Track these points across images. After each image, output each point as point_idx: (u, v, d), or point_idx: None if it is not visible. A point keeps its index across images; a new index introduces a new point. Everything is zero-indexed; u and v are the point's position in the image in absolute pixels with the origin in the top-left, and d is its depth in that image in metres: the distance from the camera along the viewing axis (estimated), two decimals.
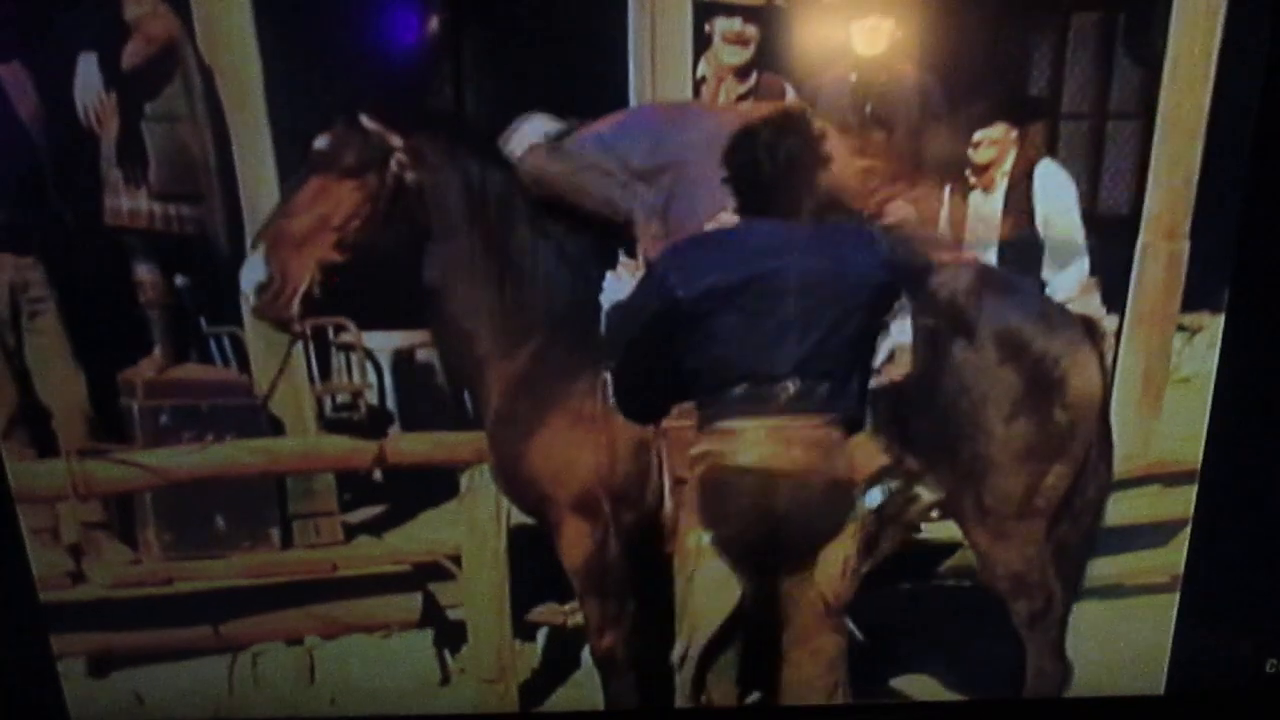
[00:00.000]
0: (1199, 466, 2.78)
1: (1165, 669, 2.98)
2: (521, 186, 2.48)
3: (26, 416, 3.21)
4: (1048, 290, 2.87)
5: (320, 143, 2.44)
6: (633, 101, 2.72)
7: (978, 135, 2.93)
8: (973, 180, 3.03)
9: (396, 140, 2.44)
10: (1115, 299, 3.00)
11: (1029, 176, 2.94)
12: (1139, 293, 3.07)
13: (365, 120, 2.43)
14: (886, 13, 2.74)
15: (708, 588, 2.34)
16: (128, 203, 3.06)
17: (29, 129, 3.01)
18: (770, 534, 2.29)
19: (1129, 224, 2.96)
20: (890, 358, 2.47)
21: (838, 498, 2.29)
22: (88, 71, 2.88)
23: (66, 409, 3.20)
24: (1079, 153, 2.95)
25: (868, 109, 2.73)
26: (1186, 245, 2.97)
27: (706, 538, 2.33)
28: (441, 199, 2.46)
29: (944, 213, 3.06)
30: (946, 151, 2.78)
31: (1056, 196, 2.93)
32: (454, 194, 2.47)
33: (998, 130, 2.92)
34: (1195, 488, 2.81)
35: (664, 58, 2.73)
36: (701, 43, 2.69)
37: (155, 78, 2.98)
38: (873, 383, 2.47)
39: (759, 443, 2.25)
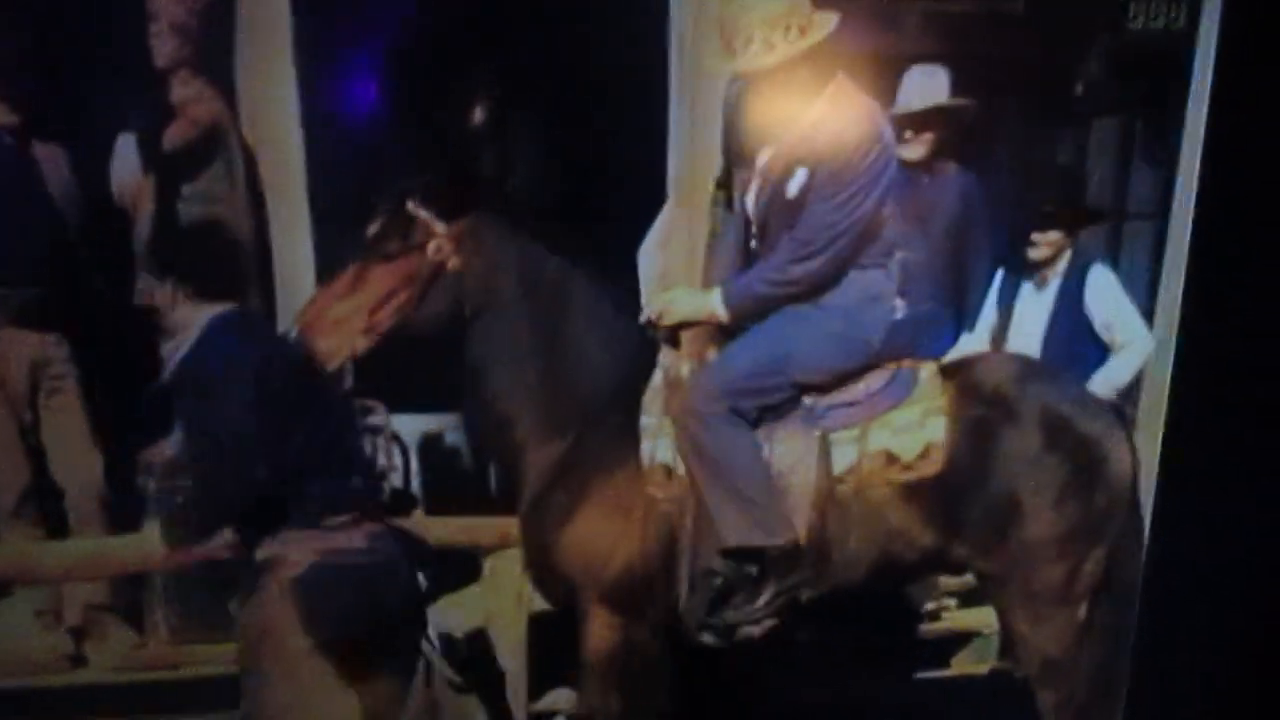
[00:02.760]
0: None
1: None
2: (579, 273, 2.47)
3: (38, 494, 3.16)
4: (1102, 376, 2.96)
5: (370, 229, 2.43)
6: (670, 190, 2.78)
7: (1035, 236, 3.06)
8: (1027, 272, 3.14)
9: (440, 227, 2.42)
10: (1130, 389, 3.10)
11: (1081, 279, 3.04)
12: (1149, 383, 3.16)
13: (411, 207, 2.42)
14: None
15: (320, 695, 2.15)
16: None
17: (61, 208, 3.01)
18: (391, 626, 2.18)
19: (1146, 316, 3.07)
20: (923, 454, 2.49)
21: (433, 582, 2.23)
22: (126, 152, 2.90)
23: (80, 487, 3.15)
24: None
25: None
26: None
27: (308, 642, 2.14)
28: (491, 282, 2.45)
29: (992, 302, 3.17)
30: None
31: (1110, 300, 3.04)
32: (506, 278, 2.42)
33: (1053, 235, 3.07)
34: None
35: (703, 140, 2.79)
36: None
37: (197, 160, 3.01)
38: (908, 477, 2.48)
39: (318, 539, 2.12)
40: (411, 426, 3.08)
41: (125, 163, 2.91)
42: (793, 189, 2.33)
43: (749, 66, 2.29)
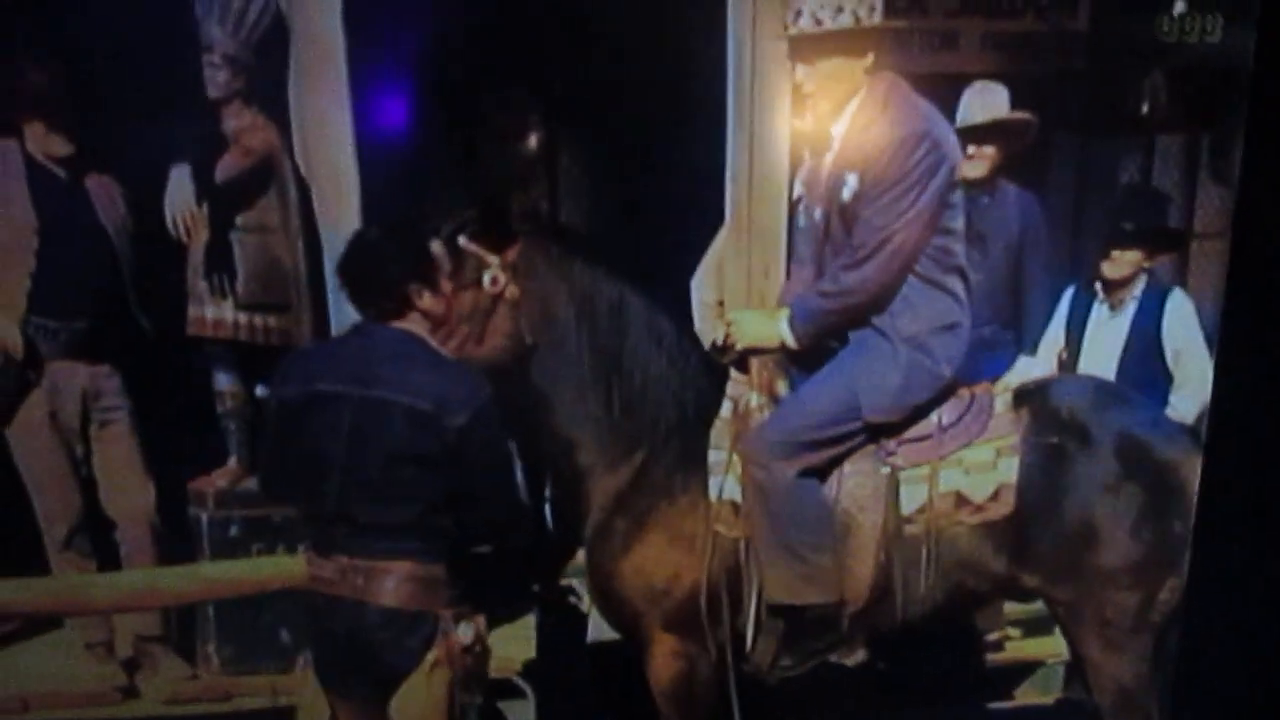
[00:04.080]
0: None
1: None
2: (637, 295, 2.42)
3: (89, 526, 3.14)
4: (1168, 410, 2.87)
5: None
6: (728, 214, 2.73)
7: (1115, 254, 2.99)
8: (1100, 294, 3.08)
9: (493, 259, 2.40)
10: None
11: (1160, 305, 2.97)
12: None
13: (464, 243, 2.39)
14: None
15: (307, 702, 2.26)
16: (212, 312, 3.04)
17: (113, 240, 3.00)
18: (342, 659, 2.16)
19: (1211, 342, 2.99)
20: (995, 495, 2.43)
21: (402, 629, 2.10)
22: (180, 183, 2.88)
23: (132, 519, 3.13)
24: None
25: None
26: None
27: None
28: (548, 309, 2.40)
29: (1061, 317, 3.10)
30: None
31: (1185, 330, 2.96)
32: (562, 303, 2.40)
33: (1133, 254, 2.99)
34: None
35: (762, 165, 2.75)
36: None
37: (250, 190, 3.00)
38: (979, 519, 2.42)
39: (324, 566, 2.10)
40: None
41: (180, 193, 2.88)
42: (846, 195, 2.29)
43: (795, 33, 2.27)
